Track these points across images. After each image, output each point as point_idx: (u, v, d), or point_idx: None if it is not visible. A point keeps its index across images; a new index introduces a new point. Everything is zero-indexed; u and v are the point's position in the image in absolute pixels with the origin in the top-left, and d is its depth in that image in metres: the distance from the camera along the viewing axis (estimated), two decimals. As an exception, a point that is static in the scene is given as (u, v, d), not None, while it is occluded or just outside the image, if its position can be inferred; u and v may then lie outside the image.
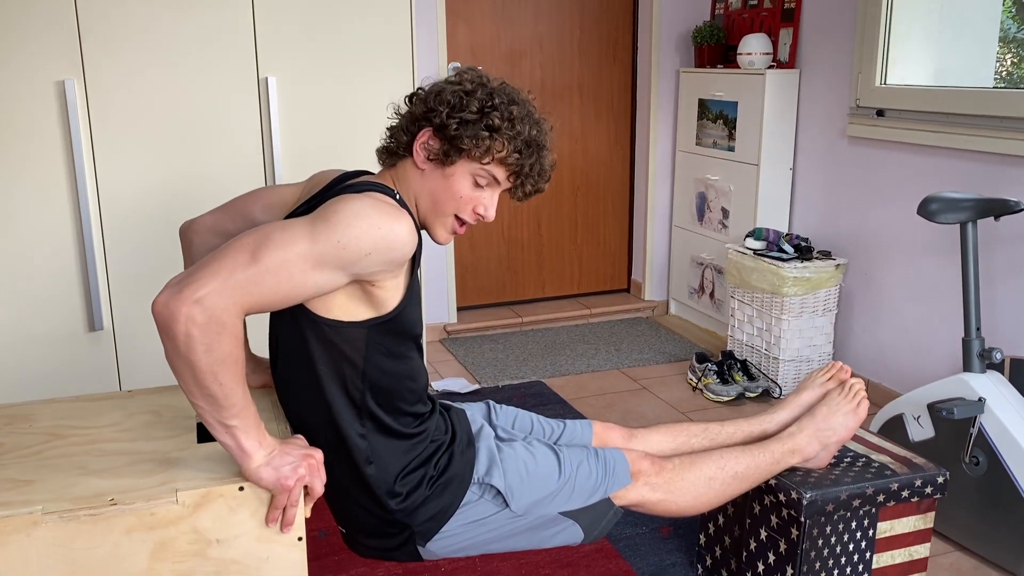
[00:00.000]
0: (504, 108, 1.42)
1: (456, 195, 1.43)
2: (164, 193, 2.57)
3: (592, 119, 4.07)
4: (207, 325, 1.16)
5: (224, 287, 1.18)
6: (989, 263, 2.59)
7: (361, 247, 1.26)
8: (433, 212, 1.45)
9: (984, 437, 2.09)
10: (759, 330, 3.21)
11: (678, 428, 1.85)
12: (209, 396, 1.20)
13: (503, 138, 1.41)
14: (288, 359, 1.43)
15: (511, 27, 3.86)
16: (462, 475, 1.51)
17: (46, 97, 2.40)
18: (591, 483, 1.59)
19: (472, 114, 1.40)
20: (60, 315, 2.53)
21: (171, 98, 2.51)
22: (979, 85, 3.15)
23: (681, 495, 1.66)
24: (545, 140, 1.47)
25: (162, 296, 1.17)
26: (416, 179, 1.45)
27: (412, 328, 1.44)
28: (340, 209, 1.28)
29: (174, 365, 1.19)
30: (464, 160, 1.42)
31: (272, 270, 1.22)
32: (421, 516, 1.48)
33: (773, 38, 3.44)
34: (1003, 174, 2.55)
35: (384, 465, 1.45)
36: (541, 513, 1.55)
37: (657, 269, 4.15)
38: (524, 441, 1.62)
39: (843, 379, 1.88)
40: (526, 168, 1.45)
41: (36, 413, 1.49)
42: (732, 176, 3.55)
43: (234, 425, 1.23)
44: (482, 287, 4.09)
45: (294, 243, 1.24)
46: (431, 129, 1.42)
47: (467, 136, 1.39)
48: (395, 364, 1.43)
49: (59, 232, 2.48)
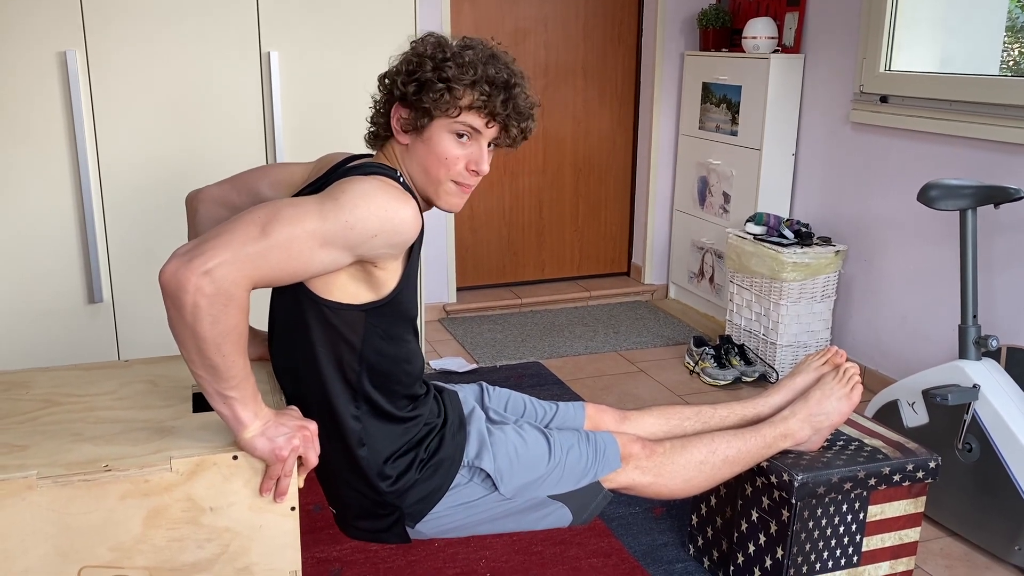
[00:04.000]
0: (456, 56, 1.40)
1: (442, 157, 1.42)
2: (165, 166, 2.57)
3: (596, 101, 4.06)
4: (215, 296, 1.16)
5: (234, 259, 1.18)
6: (988, 251, 2.59)
7: (368, 228, 1.27)
8: (428, 182, 1.45)
9: (977, 424, 2.10)
10: (757, 315, 3.21)
11: (671, 411, 1.86)
12: (211, 366, 1.21)
13: (461, 84, 1.39)
14: (286, 337, 1.44)
15: (516, 6, 3.84)
16: (452, 458, 1.53)
17: (47, 68, 2.40)
18: (581, 466, 1.60)
19: (428, 73, 1.39)
20: (60, 287, 2.53)
21: (173, 71, 2.51)
22: (984, 72, 3.14)
23: (671, 479, 1.67)
24: (512, 77, 1.44)
25: (171, 265, 1.17)
26: (405, 156, 1.46)
27: (409, 311, 1.45)
28: (349, 190, 1.29)
29: (178, 334, 1.20)
30: (437, 120, 1.41)
31: (281, 245, 1.23)
32: (411, 498, 1.49)
33: (778, 22, 3.42)
34: (1006, 162, 2.54)
35: (376, 447, 1.46)
36: (530, 496, 1.56)
37: (657, 253, 4.15)
38: (515, 424, 1.63)
39: (838, 363, 1.88)
40: (498, 107, 1.41)
41: (33, 380, 1.50)
42: (734, 160, 3.54)
43: (232, 396, 1.24)
44: (482, 268, 4.09)
45: (303, 220, 1.25)
46: (398, 102, 1.43)
47: (427, 95, 1.38)
48: (392, 347, 1.43)
49: (59, 204, 2.48)
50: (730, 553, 1.94)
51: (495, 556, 2.05)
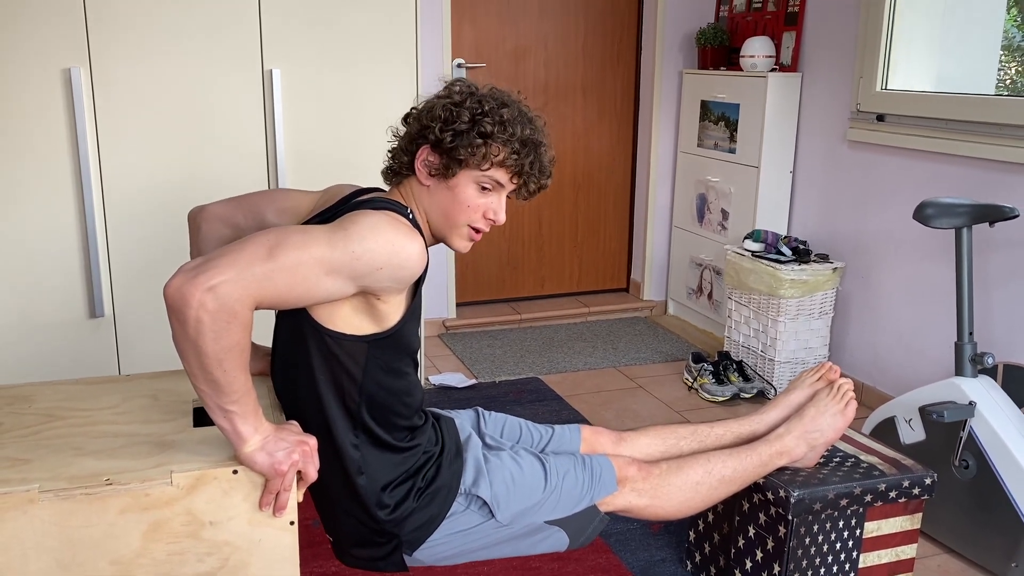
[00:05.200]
0: (495, 113, 1.44)
1: (464, 205, 1.47)
2: (167, 182, 2.59)
3: (595, 118, 4.09)
4: (218, 313, 1.18)
5: (239, 278, 1.20)
6: (985, 268, 2.61)
7: (374, 260, 1.29)
8: (447, 225, 1.49)
9: (974, 441, 2.11)
10: (756, 331, 3.23)
11: (667, 430, 1.87)
12: (212, 381, 1.22)
13: (498, 142, 1.44)
14: (288, 363, 1.46)
15: (516, 25, 3.88)
16: (449, 485, 1.54)
17: (52, 85, 2.43)
18: (577, 491, 1.61)
19: (464, 124, 1.43)
20: (62, 301, 2.55)
21: (176, 88, 2.53)
22: (980, 92, 3.17)
23: (668, 500, 1.68)
24: (540, 137, 1.50)
25: (176, 280, 1.18)
26: (423, 196, 1.49)
27: (410, 345, 1.47)
28: (358, 222, 1.31)
29: (181, 348, 1.21)
30: (465, 170, 1.45)
31: (287, 268, 1.25)
32: (409, 526, 1.50)
33: (776, 41, 3.45)
34: (1002, 180, 2.57)
35: (374, 476, 1.47)
36: (527, 522, 1.57)
37: (656, 269, 4.17)
38: (511, 451, 1.64)
39: (832, 379, 1.89)
40: (526, 167, 1.48)
41: (36, 394, 1.51)
42: (732, 178, 3.57)
43: (233, 410, 1.25)
44: (482, 283, 4.11)
45: (311, 246, 1.27)
46: (428, 146, 1.46)
47: (463, 147, 1.42)
48: (393, 380, 1.45)
49: (62, 219, 2.51)
50: (727, 569, 1.95)
51: (492, 572, 2.05)
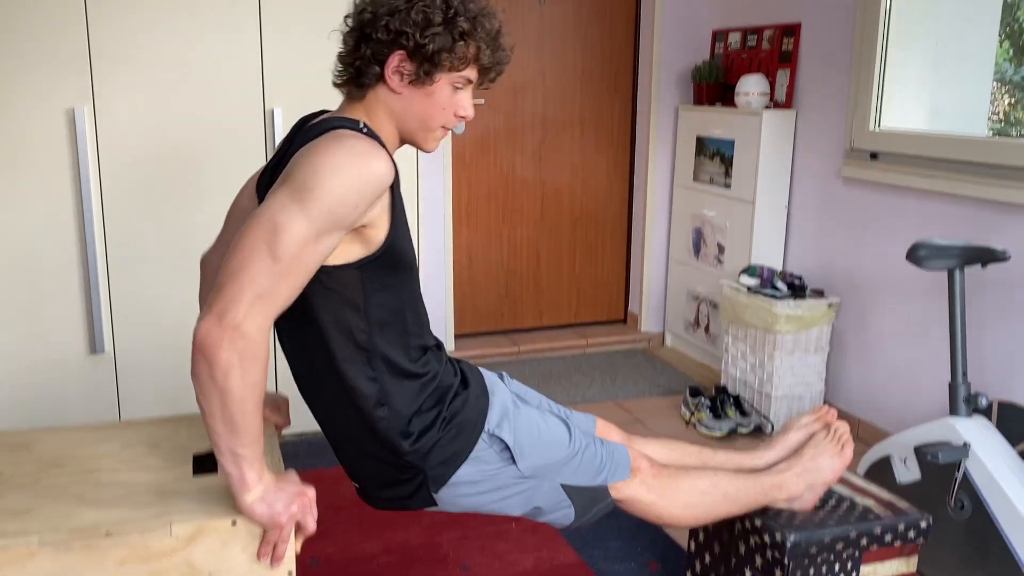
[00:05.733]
0: (464, 9, 1.40)
1: (441, 108, 1.44)
2: (168, 221, 2.61)
3: (592, 152, 4.13)
4: (246, 350, 1.21)
5: (255, 299, 1.22)
6: (979, 306, 2.63)
7: (348, 201, 1.28)
8: (422, 129, 1.46)
9: (969, 482, 2.12)
10: (752, 366, 3.24)
11: (674, 443, 1.90)
12: (231, 422, 1.24)
13: (475, 40, 1.41)
14: (289, 317, 1.42)
15: (515, 60, 3.92)
16: (474, 421, 1.53)
17: (56, 125, 2.46)
18: (595, 464, 1.62)
19: (438, 27, 1.37)
20: (62, 337, 2.57)
21: (178, 127, 2.57)
22: (974, 125, 3.20)
23: (672, 501, 1.69)
24: (500, 26, 1.46)
25: (203, 326, 1.21)
26: (396, 103, 1.43)
27: (405, 255, 1.44)
28: (316, 169, 1.27)
29: (206, 391, 1.23)
30: (443, 73, 1.42)
31: (290, 262, 1.25)
32: (433, 459, 1.49)
33: (771, 79, 3.50)
34: (994, 220, 2.59)
35: (396, 406, 1.46)
36: (546, 481, 1.56)
37: (654, 301, 4.19)
38: (538, 408, 1.64)
39: (829, 421, 1.91)
40: (495, 62, 1.46)
41: (37, 441, 1.53)
42: (728, 212, 3.60)
43: (243, 455, 1.26)
44: (480, 315, 4.13)
45: (291, 227, 1.25)
46: (404, 52, 1.39)
47: (444, 51, 1.38)
48: (395, 297, 1.44)
49: (64, 257, 2.53)
50: (724, 612, 1.95)
51: (490, 613, 2.05)
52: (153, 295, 2.63)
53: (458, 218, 3.96)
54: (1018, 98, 4.18)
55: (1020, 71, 4.14)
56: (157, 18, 2.49)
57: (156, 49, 2.50)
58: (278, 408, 1.67)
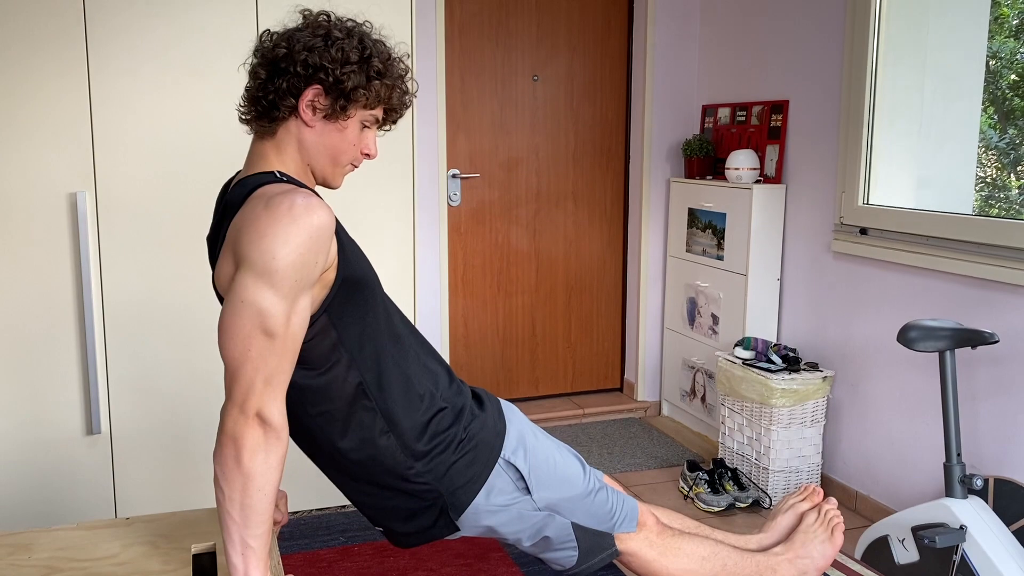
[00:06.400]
0: (376, 50, 1.44)
1: (351, 143, 1.47)
2: (168, 302, 2.64)
3: (586, 223, 4.19)
4: (269, 434, 1.27)
5: (268, 382, 1.28)
6: (971, 381, 2.66)
7: (308, 262, 1.30)
8: (331, 165, 1.48)
9: (967, 564, 2.12)
10: (749, 439, 3.25)
11: (675, 514, 1.92)
12: (248, 507, 1.27)
13: (387, 80, 1.45)
14: None
15: (508, 137, 4.01)
16: (491, 444, 1.53)
17: (58, 209, 2.50)
18: (606, 509, 1.63)
19: (355, 64, 1.41)
20: (59, 417, 2.57)
21: (178, 209, 2.61)
22: (961, 194, 3.26)
23: (673, 562, 1.70)
24: (406, 71, 1.50)
25: (231, 416, 1.27)
26: (308, 136, 1.45)
27: (364, 276, 1.45)
28: (266, 248, 1.27)
29: (229, 476, 1.26)
30: (357, 110, 1.45)
31: (284, 340, 1.29)
32: (449, 483, 1.49)
33: (760, 154, 3.58)
34: (983, 297, 2.63)
35: (399, 426, 1.46)
36: (558, 513, 1.57)
37: (650, 370, 4.21)
38: (554, 442, 1.65)
39: (816, 502, 1.93)
40: (402, 101, 1.50)
41: (35, 542, 1.52)
42: (721, 284, 3.64)
43: (252, 546, 1.28)
44: (476, 384, 4.12)
45: (275, 309, 1.28)
46: (320, 87, 1.41)
47: (360, 88, 1.42)
48: (365, 313, 1.44)
49: (62, 338, 2.54)
50: None
51: None
52: (151, 374, 2.64)
53: (454, 287, 4.00)
54: (1003, 164, 4.27)
55: (1004, 137, 4.24)
56: (161, 103, 2.55)
57: (157, 133, 2.56)
58: (276, 504, 1.68)
